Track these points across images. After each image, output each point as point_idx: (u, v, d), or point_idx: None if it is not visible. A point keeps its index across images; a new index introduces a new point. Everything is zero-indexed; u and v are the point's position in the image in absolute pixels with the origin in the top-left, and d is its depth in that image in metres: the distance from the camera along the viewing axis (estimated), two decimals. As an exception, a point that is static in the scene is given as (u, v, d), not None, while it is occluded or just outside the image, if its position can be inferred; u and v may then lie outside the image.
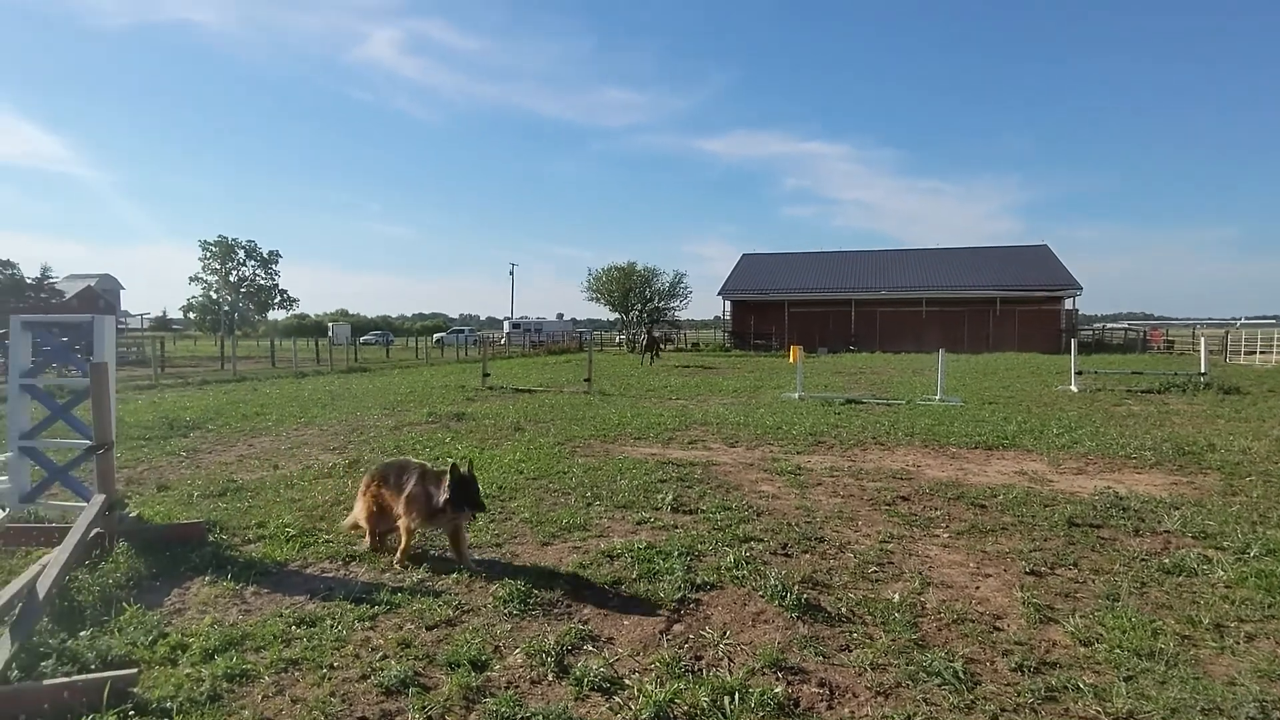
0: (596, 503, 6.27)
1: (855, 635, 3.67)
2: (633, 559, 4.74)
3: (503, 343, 52.42)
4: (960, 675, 3.20)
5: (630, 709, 2.97)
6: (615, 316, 59.22)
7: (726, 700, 2.99)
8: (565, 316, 79.73)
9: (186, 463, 8.33)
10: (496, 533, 5.39)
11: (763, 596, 4.14)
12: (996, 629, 3.77)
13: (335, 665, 3.34)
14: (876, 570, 4.62)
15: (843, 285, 50.87)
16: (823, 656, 3.45)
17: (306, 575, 4.55)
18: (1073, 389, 16.68)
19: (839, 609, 3.99)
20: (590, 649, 3.53)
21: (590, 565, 4.65)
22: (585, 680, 3.16)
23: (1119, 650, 3.45)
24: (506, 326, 67.62)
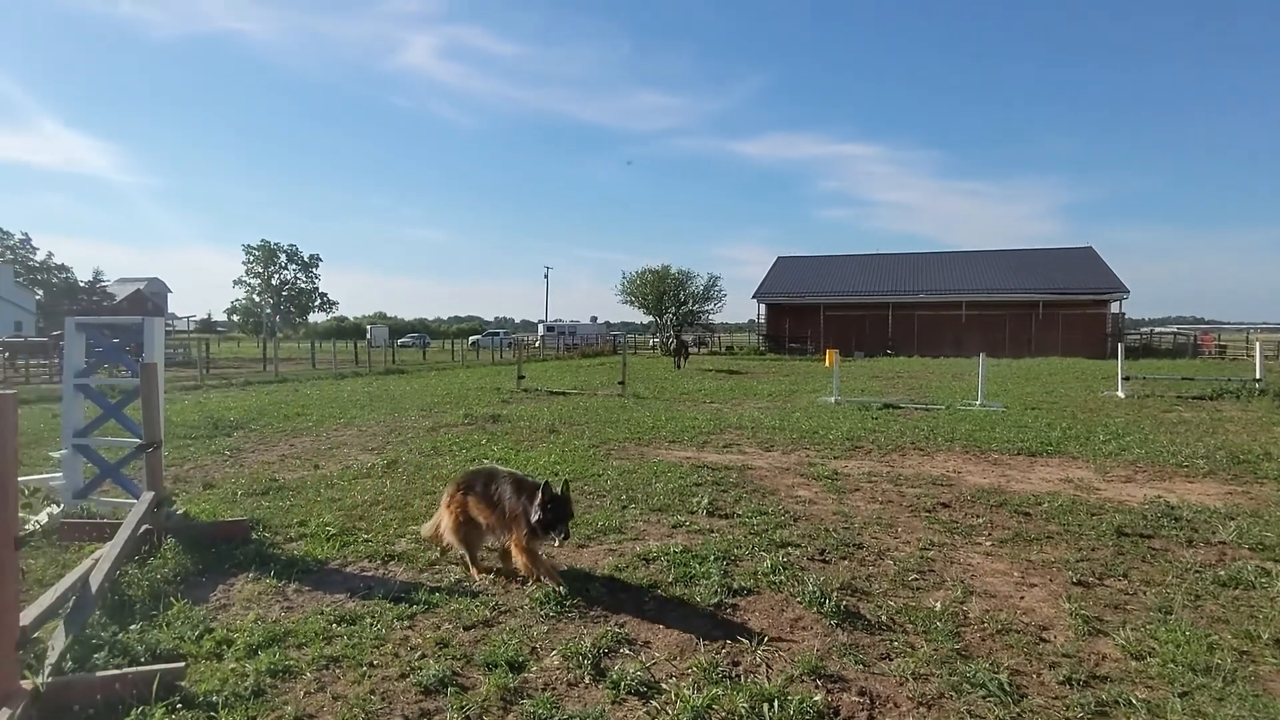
0: (632, 505, 6.26)
1: (896, 644, 3.60)
2: (669, 563, 4.71)
3: (537, 345, 52.85)
4: (1005, 687, 3.12)
5: (668, 713, 2.95)
6: (650, 320, 59.22)
7: (765, 707, 2.95)
8: (599, 320, 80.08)
9: (230, 462, 8.53)
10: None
11: (800, 603, 4.08)
12: (1043, 640, 3.67)
13: (375, 663, 3.38)
14: (917, 578, 4.53)
15: (880, 288, 50.15)
16: (863, 665, 3.39)
17: (346, 574, 4.62)
18: (1120, 395, 16.19)
19: (879, 617, 3.92)
20: (627, 652, 3.51)
21: (626, 568, 4.64)
22: (622, 684, 3.15)
23: (1173, 665, 3.33)
24: (541, 329, 68.05)
